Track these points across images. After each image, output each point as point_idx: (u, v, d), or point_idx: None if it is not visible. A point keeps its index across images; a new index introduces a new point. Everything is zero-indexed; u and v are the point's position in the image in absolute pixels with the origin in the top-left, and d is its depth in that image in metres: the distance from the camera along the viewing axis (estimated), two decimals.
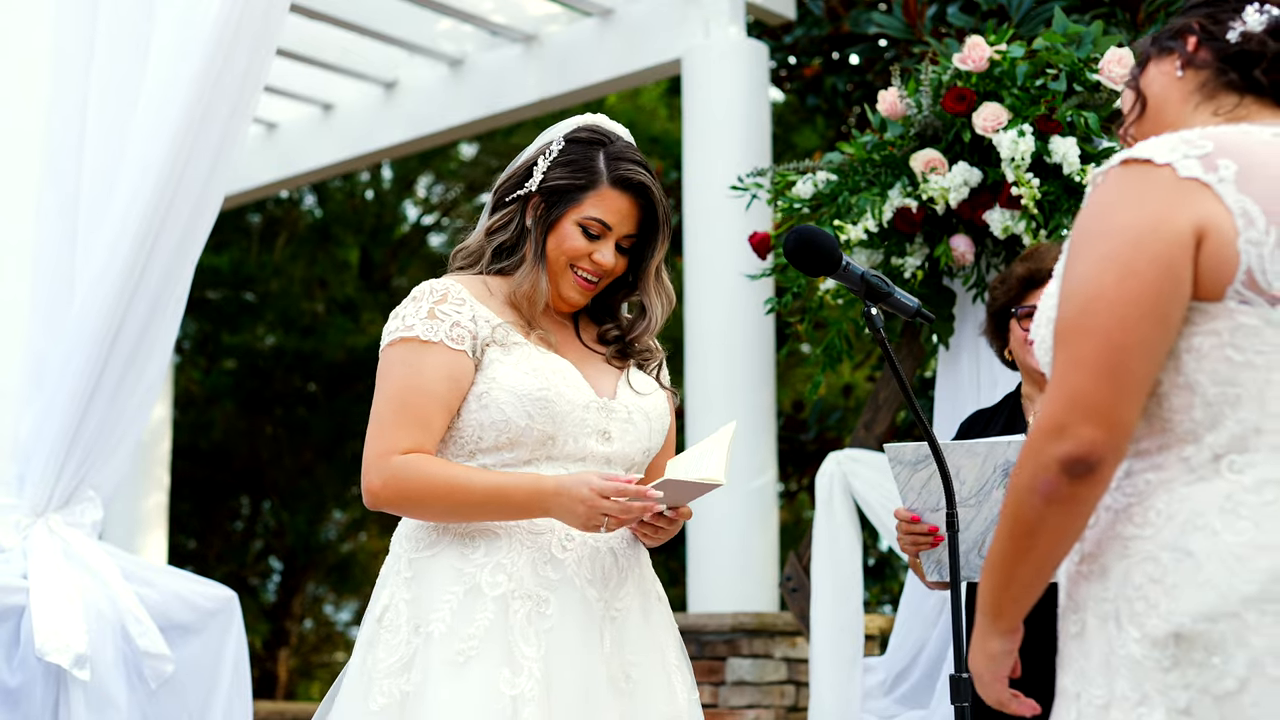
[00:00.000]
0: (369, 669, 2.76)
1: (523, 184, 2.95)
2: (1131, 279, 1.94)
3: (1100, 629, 1.99)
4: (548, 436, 2.81)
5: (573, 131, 2.98)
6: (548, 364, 2.84)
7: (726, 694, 6.09)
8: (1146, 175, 1.99)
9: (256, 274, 13.82)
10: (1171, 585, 1.92)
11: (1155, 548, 1.95)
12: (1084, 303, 1.97)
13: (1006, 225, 4.55)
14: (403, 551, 2.85)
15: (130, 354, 4.19)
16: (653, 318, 3.01)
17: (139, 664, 4.10)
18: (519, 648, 2.69)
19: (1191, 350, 1.98)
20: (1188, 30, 2.19)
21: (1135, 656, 1.93)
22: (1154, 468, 2.01)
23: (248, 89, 4.26)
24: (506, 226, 2.97)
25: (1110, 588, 1.98)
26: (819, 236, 2.88)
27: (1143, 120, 2.23)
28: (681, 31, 6.83)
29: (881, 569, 8.31)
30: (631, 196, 2.93)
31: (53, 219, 4.24)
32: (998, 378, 4.82)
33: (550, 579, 2.76)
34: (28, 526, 4.10)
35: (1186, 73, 2.18)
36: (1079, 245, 2.02)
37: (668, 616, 2.96)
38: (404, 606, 2.77)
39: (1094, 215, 2.02)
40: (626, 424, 2.91)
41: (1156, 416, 2.01)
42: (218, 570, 14.77)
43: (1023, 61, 4.60)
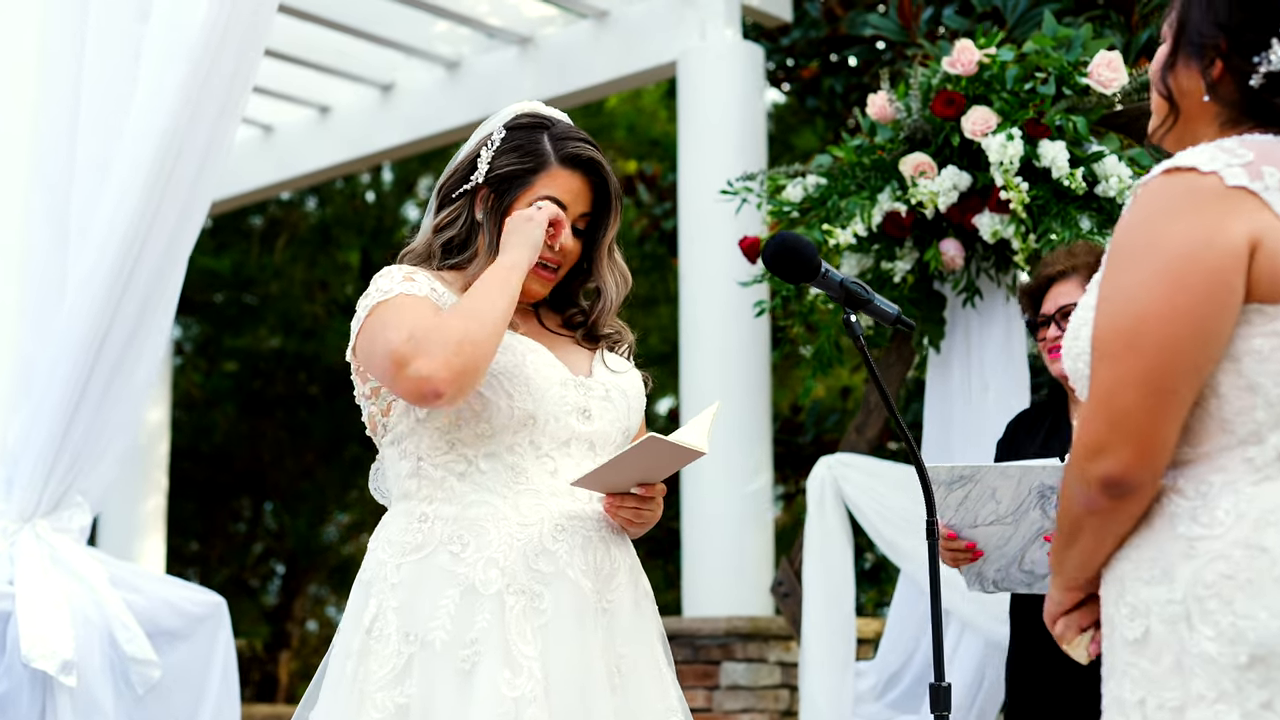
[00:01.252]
0: (360, 682, 2.67)
1: (468, 178, 2.89)
2: (1184, 295, 1.93)
3: (1170, 632, 1.97)
4: (529, 415, 2.73)
5: (512, 119, 2.91)
6: (518, 343, 2.78)
7: (720, 698, 6.07)
8: (1193, 184, 1.97)
9: (257, 276, 13.82)
10: (1246, 581, 1.91)
11: (1226, 546, 1.94)
12: (1133, 319, 1.95)
13: (996, 230, 4.54)
14: (388, 557, 2.75)
15: (119, 358, 4.17)
16: (609, 297, 2.95)
17: (126, 670, 4.09)
18: (517, 646, 2.62)
19: (1253, 352, 1.97)
20: (1214, 49, 2.12)
21: (1210, 654, 1.92)
22: (1216, 470, 1.99)
23: (236, 90, 4.24)
24: (455, 222, 2.89)
25: (1178, 589, 1.96)
26: (797, 244, 2.87)
27: (1178, 130, 2.19)
28: (677, 34, 6.83)
29: (878, 572, 8.30)
30: (582, 174, 2.87)
31: (41, 223, 4.23)
32: (988, 381, 4.82)
33: (543, 572, 2.69)
34: (15, 532, 4.08)
35: (1211, 99, 2.14)
36: (1125, 257, 2.00)
37: (654, 612, 2.90)
38: (392, 614, 2.69)
39: (1140, 226, 1.99)
40: (605, 401, 2.84)
41: (1216, 419, 2.00)
42: (219, 572, 14.79)
43: (1012, 65, 4.59)
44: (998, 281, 4.81)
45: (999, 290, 4.81)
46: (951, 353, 4.95)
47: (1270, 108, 2.10)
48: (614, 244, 2.98)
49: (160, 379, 8.55)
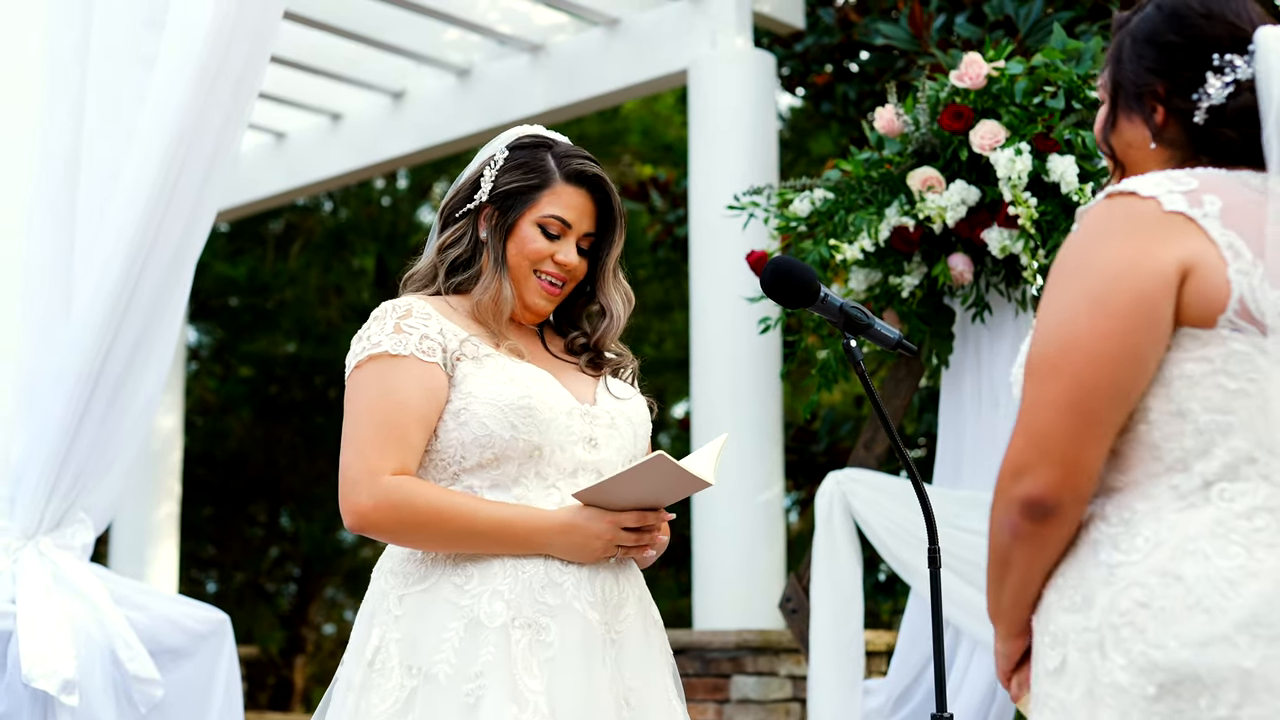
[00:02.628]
0: (362, 715, 2.64)
1: (471, 197, 2.88)
2: (1105, 318, 1.92)
3: (1083, 660, 1.95)
4: (534, 447, 2.71)
5: (514, 140, 2.92)
6: (524, 372, 2.75)
7: (730, 712, 6.04)
8: (1131, 209, 1.97)
9: (272, 282, 13.83)
10: (1160, 609, 1.89)
11: (1143, 573, 1.92)
12: (1057, 340, 1.95)
13: (1005, 245, 4.50)
14: (390, 588, 2.73)
15: (123, 372, 4.16)
16: (615, 316, 2.93)
17: (128, 689, 4.07)
18: (523, 681, 2.59)
19: (1183, 377, 1.95)
20: (1152, 95, 2.13)
21: (1121, 684, 1.89)
22: (1142, 497, 1.98)
23: (242, 97, 4.22)
24: (459, 241, 2.89)
25: (1094, 616, 1.95)
26: (796, 269, 2.84)
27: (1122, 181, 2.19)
28: (688, 41, 6.80)
29: (892, 585, 8.25)
30: (587, 191, 2.87)
31: (45, 234, 4.21)
32: (999, 397, 4.78)
33: (549, 604, 2.65)
34: (17, 550, 4.07)
35: (1159, 145, 2.14)
36: (1057, 279, 1.99)
37: (664, 642, 2.87)
38: (395, 647, 2.66)
39: (1074, 250, 1.99)
40: (611, 430, 2.82)
41: (1145, 444, 1.98)
42: (235, 577, 14.81)
43: (1021, 78, 4.55)
44: (1007, 296, 4.77)
45: (1009, 305, 4.77)
46: (963, 367, 4.91)
47: (1218, 141, 2.10)
48: (618, 264, 2.96)
49: (174, 385, 8.56)
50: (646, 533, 2.73)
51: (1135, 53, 2.16)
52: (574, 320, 3.00)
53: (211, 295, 13.54)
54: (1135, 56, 2.16)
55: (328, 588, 15.94)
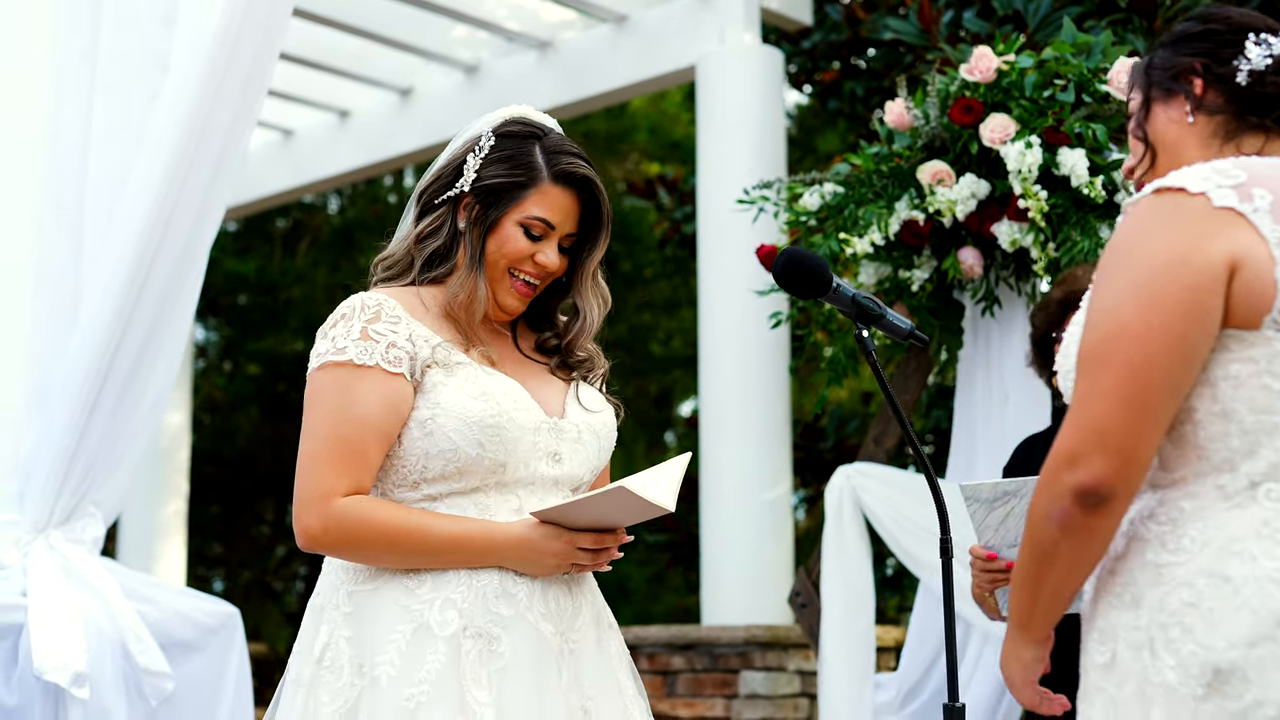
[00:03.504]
0: (310, 715, 2.59)
1: (453, 184, 2.75)
2: (1156, 310, 1.93)
3: (1134, 658, 1.97)
4: (498, 464, 2.64)
5: (502, 125, 2.78)
6: (496, 386, 2.66)
7: (739, 707, 6.04)
8: (1180, 204, 1.97)
9: (280, 280, 13.83)
10: (1208, 610, 1.91)
11: (1191, 574, 1.94)
12: (1108, 332, 1.96)
13: (1015, 238, 4.50)
14: (340, 583, 2.67)
15: (133, 367, 4.16)
16: (589, 319, 2.83)
17: (139, 682, 4.07)
18: (471, 692, 2.53)
19: (1229, 378, 1.97)
20: (1189, 71, 2.16)
21: (1171, 684, 1.91)
22: (1188, 496, 1.99)
23: (250, 95, 4.22)
24: (438, 231, 2.76)
25: (1143, 616, 1.97)
26: (808, 259, 2.83)
27: (1155, 170, 2.20)
28: (696, 38, 6.80)
29: (900, 579, 8.25)
30: (574, 192, 2.76)
31: (53, 232, 4.22)
32: (1009, 391, 4.77)
33: (502, 615, 2.59)
34: (28, 543, 4.07)
35: (1198, 117, 2.16)
36: (1107, 272, 2.01)
37: (620, 645, 2.82)
38: (345, 645, 2.60)
39: (1124, 242, 2.00)
40: (576, 444, 2.75)
41: (1191, 445, 1.99)
42: (242, 575, 14.80)
43: (1031, 72, 4.54)
44: (1017, 290, 4.76)
45: (1018, 299, 4.77)
46: (974, 362, 4.91)
47: (1264, 96, 2.12)
48: (599, 266, 2.87)
49: (182, 383, 8.56)
50: (603, 552, 2.68)
51: (1168, 53, 2.20)
52: (549, 315, 2.91)
53: (220, 293, 13.54)
54: (1168, 55, 2.19)
55: None
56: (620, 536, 2.69)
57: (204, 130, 4.10)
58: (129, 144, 4.18)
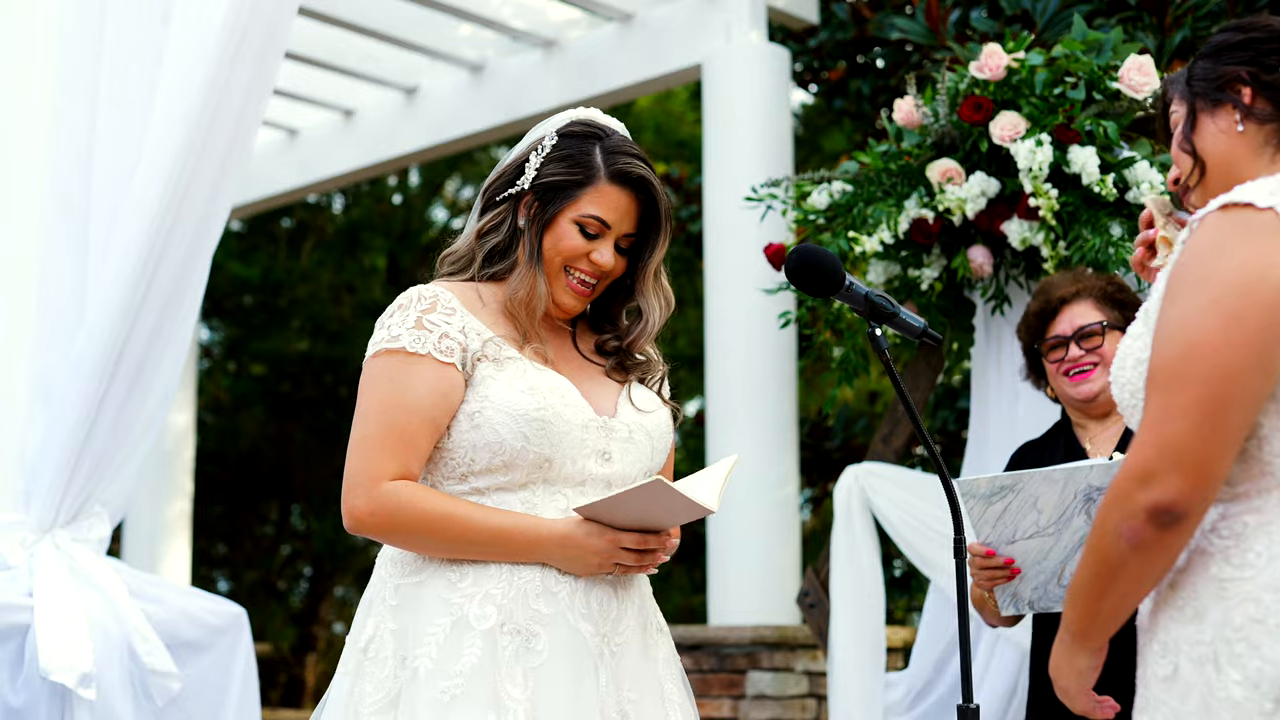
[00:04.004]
0: (355, 703, 2.62)
1: (514, 182, 2.80)
2: (1237, 327, 1.92)
3: (1197, 672, 1.96)
4: (544, 459, 2.66)
5: (566, 126, 2.82)
6: (544, 381, 2.68)
7: (746, 708, 6.02)
8: (1250, 220, 1.96)
9: (285, 280, 13.83)
10: (1275, 625, 1.90)
11: (1257, 589, 1.93)
12: (1185, 349, 1.94)
13: (1025, 236, 4.48)
14: (388, 576, 2.70)
15: (138, 367, 4.15)
16: (650, 321, 2.85)
17: (145, 682, 4.07)
18: (504, 688, 2.54)
19: None
20: (1236, 80, 2.15)
21: (1237, 699, 1.91)
22: (1252, 510, 1.99)
23: (256, 94, 4.22)
24: (499, 227, 2.81)
25: (1207, 630, 1.96)
26: (821, 256, 2.82)
27: (1206, 182, 2.19)
28: (702, 36, 6.78)
29: (908, 580, 8.23)
30: (631, 192, 2.77)
31: (58, 231, 4.21)
32: (1019, 390, 4.75)
33: (541, 613, 2.61)
34: (34, 543, 4.07)
35: (1248, 126, 2.14)
36: (1179, 288, 1.99)
37: (669, 649, 2.82)
38: (390, 637, 2.64)
39: (1195, 259, 1.98)
40: (627, 443, 2.75)
41: (1256, 459, 1.99)
42: (246, 575, 14.81)
43: (1041, 69, 4.52)
44: (1027, 289, 4.74)
45: (1029, 298, 4.74)
46: (985, 362, 4.89)
47: None
48: (661, 266, 2.88)
49: (186, 383, 8.55)
50: (648, 554, 2.68)
51: (1209, 63, 2.18)
52: (612, 317, 2.92)
53: (225, 293, 13.54)
54: (1209, 65, 2.18)
55: (339, 586, 15.95)
56: (665, 539, 2.68)
57: (210, 130, 4.09)
58: (134, 143, 4.18)
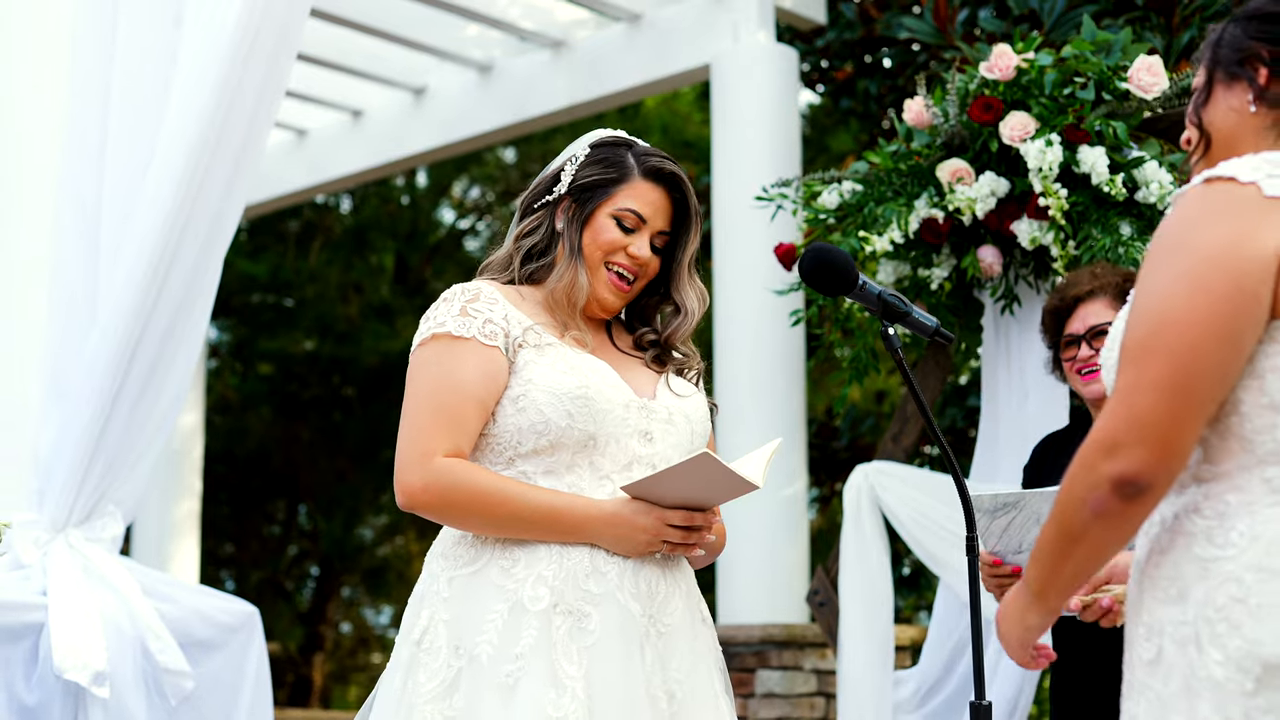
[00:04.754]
0: (409, 694, 2.68)
1: (551, 189, 2.93)
2: (1204, 297, 1.91)
3: (1180, 653, 1.95)
4: (589, 437, 2.73)
5: (597, 139, 2.97)
6: (584, 362, 2.78)
7: (756, 706, 6.03)
8: (1230, 193, 1.95)
9: (293, 279, 13.85)
10: (1256, 605, 1.89)
11: (1239, 569, 1.92)
12: (1155, 321, 1.93)
13: (1035, 236, 4.48)
14: (440, 570, 2.77)
15: (151, 366, 4.16)
16: (689, 313, 2.96)
17: (159, 681, 4.08)
18: (561, 666, 2.61)
19: (1276, 370, 1.94)
20: (1255, 58, 2.13)
21: (1218, 679, 1.89)
22: (1234, 489, 1.97)
23: (268, 95, 4.23)
24: (536, 230, 2.93)
25: (1190, 610, 1.95)
26: (835, 256, 2.83)
27: (1208, 156, 2.18)
28: (710, 37, 6.79)
29: (916, 579, 8.24)
30: (664, 189, 2.91)
31: (71, 232, 4.23)
32: (1029, 389, 4.76)
33: (592, 593, 2.67)
34: (48, 542, 4.08)
35: (1260, 108, 2.13)
36: (1154, 262, 1.98)
37: (713, 641, 2.88)
38: (443, 627, 2.69)
39: (1172, 232, 1.98)
40: (667, 425, 2.83)
41: (1237, 437, 1.97)
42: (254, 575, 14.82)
43: (1051, 70, 4.53)
44: (1036, 288, 4.74)
45: (1038, 297, 4.75)
46: (995, 361, 4.89)
47: None
48: (693, 263, 2.99)
49: (194, 382, 8.56)
50: (694, 532, 2.74)
51: (1238, 30, 2.16)
52: (646, 318, 3.02)
53: (233, 293, 13.56)
54: (1238, 33, 2.16)
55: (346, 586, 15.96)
56: (710, 517, 2.76)
57: (223, 129, 4.11)
58: (147, 143, 4.19)
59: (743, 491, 2.67)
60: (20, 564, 4.04)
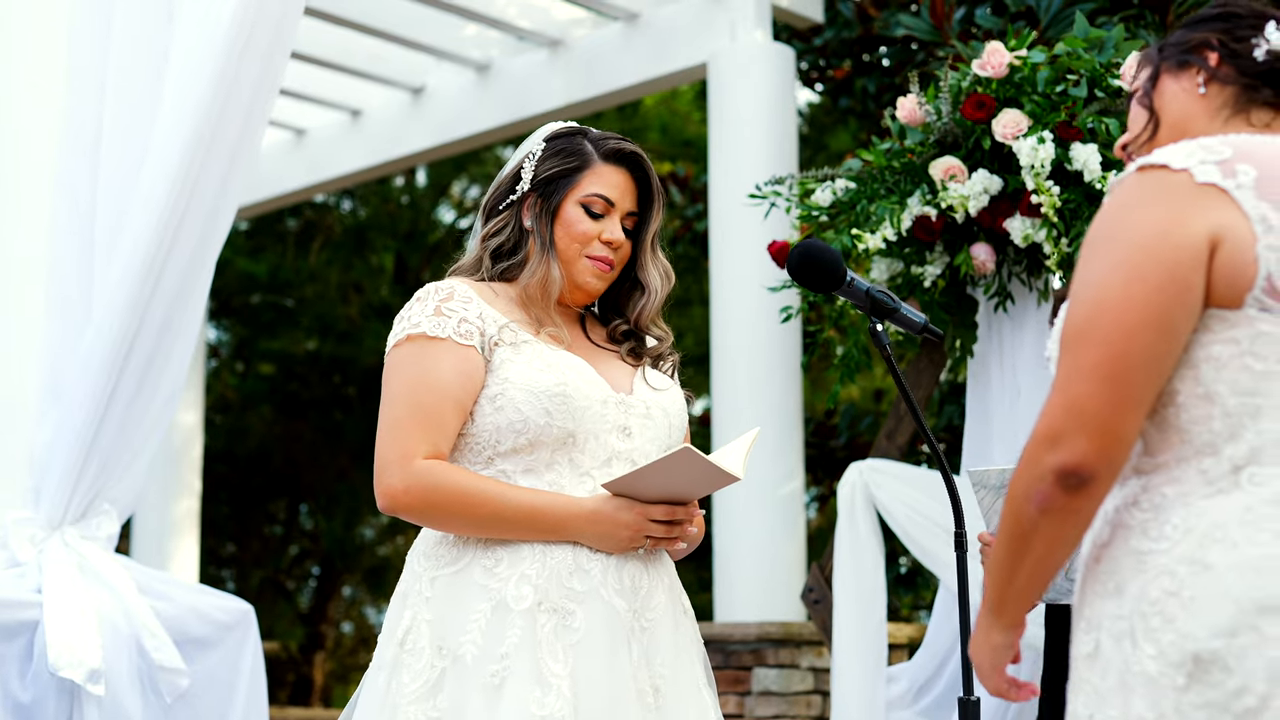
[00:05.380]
0: (393, 694, 2.68)
1: (513, 189, 2.92)
2: (1137, 285, 1.90)
3: (1115, 648, 1.93)
4: (568, 434, 2.73)
5: (551, 132, 2.96)
6: (561, 359, 2.78)
7: (752, 704, 6.04)
8: (1161, 180, 1.94)
9: (293, 279, 13.86)
10: (1189, 599, 1.86)
11: (1172, 561, 1.90)
12: (1089, 309, 1.93)
13: (1027, 233, 4.49)
14: (423, 570, 2.76)
15: (146, 365, 4.17)
16: (652, 291, 2.95)
17: (154, 678, 4.09)
18: (547, 664, 2.61)
19: (1210, 359, 1.93)
20: (1205, 45, 2.14)
21: (1151, 674, 1.87)
22: (1171, 481, 1.95)
23: (263, 94, 4.24)
24: (503, 230, 2.92)
25: (1126, 604, 1.93)
26: (823, 253, 2.84)
27: (1156, 139, 2.17)
28: (708, 35, 6.80)
29: (913, 577, 8.24)
30: (626, 170, 2.91)
31: (66, 229, 4.23)
32: (1020, 386, 4.77)
33: (576, 590, 2.67)
34: (43, 540, 4.09)
35: (1210, 88, 2.13)
36: (1088, 251, 1.98)
37: (695, 632, 2.88)
38: (426, 627, 2.69)
39: (1106, 221, 1.97)
40: (645, 419, 2.83)
41: (1174, 428, 1.96)
42: (254, 574, 14.83)
43: (1043, 67, 4.54)
44: (1029, 286, 4.75)
45: (1030, 294, 4.76)
46: (987, 358, 4.90)
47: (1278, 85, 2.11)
48: (656, 241, 2.98)
49: (194, 382, 8.57)
50: (676, 525, 2.74)
51: (1184, 30, 2.18)
52: (619, 307, 3.01)
53: (233, 293, 13.57)
54: (1184, 32, 2.18)
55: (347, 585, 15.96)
56: (691, 510, 2.75)
57: (216, 129, 4.11)
58: (142, 140, 4.20)
59: (724, 484, 2.67)
60: (16, 562, 4.05)
